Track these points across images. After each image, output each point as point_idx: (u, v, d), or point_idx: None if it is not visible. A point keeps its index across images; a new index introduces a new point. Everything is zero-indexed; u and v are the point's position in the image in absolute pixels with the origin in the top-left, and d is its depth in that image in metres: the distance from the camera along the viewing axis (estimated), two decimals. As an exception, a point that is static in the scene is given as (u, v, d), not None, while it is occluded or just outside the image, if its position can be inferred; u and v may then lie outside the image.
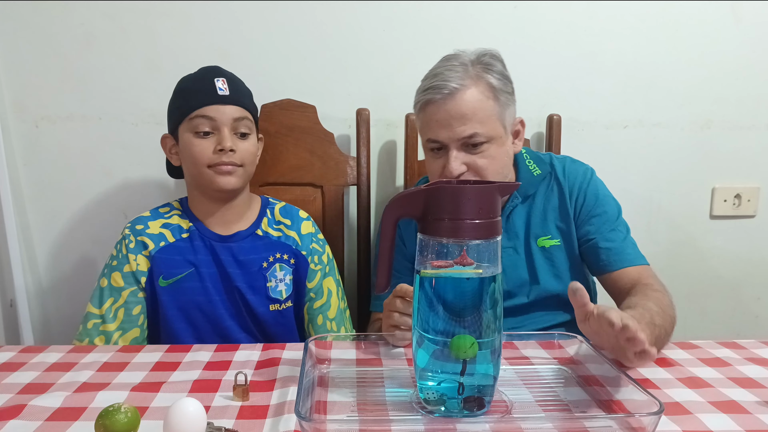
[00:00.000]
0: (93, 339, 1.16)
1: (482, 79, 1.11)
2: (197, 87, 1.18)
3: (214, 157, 1.15)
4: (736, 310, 1.75)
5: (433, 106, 1.11)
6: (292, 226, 1.28)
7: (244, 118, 1.18)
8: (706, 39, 1.59)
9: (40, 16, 1.46)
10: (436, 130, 1.11)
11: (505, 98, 1.13)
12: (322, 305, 1.29)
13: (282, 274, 1.24)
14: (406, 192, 0.77)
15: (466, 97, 1.09)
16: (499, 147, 1.13)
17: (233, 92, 1.18)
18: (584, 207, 1.21)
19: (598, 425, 0.75)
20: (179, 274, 1.19)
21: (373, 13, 1.53)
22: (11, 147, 1.51)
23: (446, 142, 1.11)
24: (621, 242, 1.19)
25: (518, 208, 1.22)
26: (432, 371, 0.77)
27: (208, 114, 1.15)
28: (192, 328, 1.20)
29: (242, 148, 1.18)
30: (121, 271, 1.18)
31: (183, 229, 1.22)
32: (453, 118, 1.09)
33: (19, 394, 0.85)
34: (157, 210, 1.25)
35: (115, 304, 1.18)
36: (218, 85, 1.17)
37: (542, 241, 1.21)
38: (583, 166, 1.26)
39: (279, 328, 1.25)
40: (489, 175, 1.12)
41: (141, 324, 1.20)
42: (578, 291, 0.83)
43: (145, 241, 1.19)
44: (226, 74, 1.21)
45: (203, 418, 0.70)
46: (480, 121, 1.09)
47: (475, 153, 1.11)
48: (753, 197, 1.68)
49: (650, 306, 0.99)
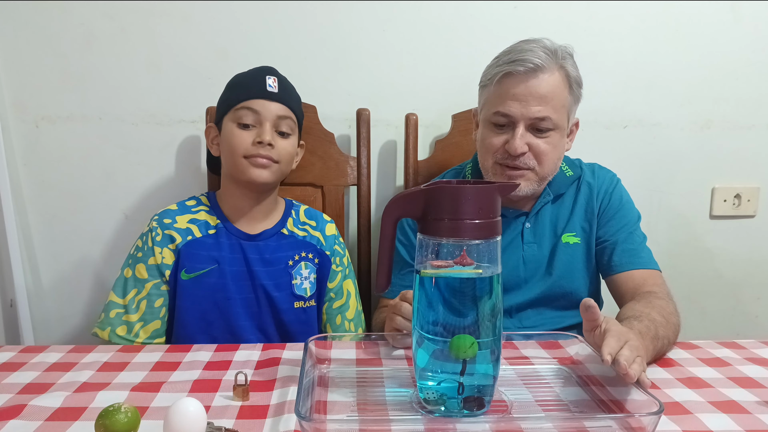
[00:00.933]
0: (115, 328, 1.17)
1: (564, 68, 1.12)
2: (248, 81, 1.20)
3: (251, 149, 1.17)
4: (736, 310, 1.75)
5: (514, 78, 1.10)
6: (317, 227, 1.30)
7: (287, 118, 1.20)
8: (706, 39, 1.59)
9: (40, 16, 1.46)
10: (510, 104, 1.10)
11: (578, 93, 1.15)
12: (342, 306, 1.31)
13: (307, 272, 1.26)
14: (406, 192, 0.77)
15: (548, 79, 1.09)
16: (560, 138, 1.14)
17: (282, 91, 1.20)
18: (608, 209, 1.23)
19: (598, 425, 0.75)
20: (202, 269, 1.20)
21: (373, 14, 1.53)
22: (11, 147, 1.51)
23: (517, 118, 1.11)
24: (637, 246, 1.21)
25: (547, 207, 1.24)
26: (432, 371, 0.77)
27: (253, 107, 1.17)
28: (204, 324, 1.21)
29: (281, 145, 1.19)
30: (146, 263, 1.19)
31: (210, 225, 1.23)
32: (532, 95, 1.09)
33: (19, 394, 0.85)
34: (184, 204, 1.26)
35: (138, 296, 1.18)
36: (269, 82, 1.19)
37: (566, 238, 1.23)
38: (610, 173, 1.29)
39: (301, 326, 1.25)
40: (547, 162, 1.13)
41: (162, 317, 1.20)
42: (590, 309, 0.85)
43: (173, 235, 1.20)
44: (278, 75, 1.23)
45: (203, 418, 0.70)
46: (554, 107, 1.10)
47: (540, 137, 1.12)
48: (753, 197, 1.68)
49: (654, 316, 0.99)
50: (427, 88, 1.56)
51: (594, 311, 0.85)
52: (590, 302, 0.85)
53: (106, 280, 1.56)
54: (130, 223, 1.55)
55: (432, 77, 1.55)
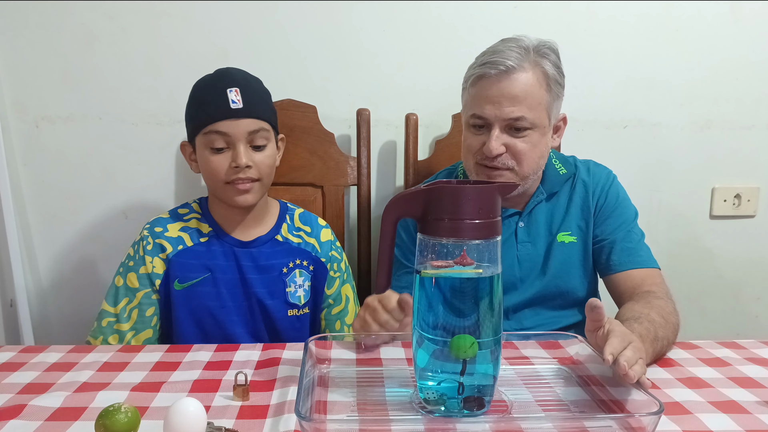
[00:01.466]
0: (107, 337, 1.16)
1: (539, 66, 1.11)
2: (210, 99, 1.14)
3: (230, 173, 1.13)
4: (736, 310, 1.75)
5: (486, 81, 1.11)
6: (311, 233, 1.28)
7: (260, 130, 1.14)
8: (706, 39, 1.59)
9: (40, 16, 1.46)
10: (483, 106, 1.11)
11: (557, 90, 1.14)
12: (341, 311, 1.30)
13: (301, 280, 1.24)
14: (406, 192, 0.77)
15: (521, 79, 1.09)
16: (541, 136, 1.14)
17: (247, 104, 1.13)
18: (604, 207, 1.23)
19: (598, 425, 0.75)
20: (194, 278, 1.19)
21: (373, 14, 1.53)
22: (11, 147, 1.51)
23: (491, 120, 1.11)
24: (635, 244, 1.20)
25: (542, 205, 1.24)
26: (432, 371, 0.77)
27: (221, 129, 1.12)
28: (201, 333, 1.20)
29: (258, 161, 1.15)
30: (137, 272, 1.18)
31: (202, 233, 1.21)
32: (504, 96, 1.09)
33: (19, 394, 0.85)
34: (176, 211, 1.24)
35: (129, 305, 1.18)
36: (231, 96, 1.12)
37: (561, 237, 1.22)
38: (606, 170, 1.28)
39: (294, 333, 1.25)
40: (526, 161, 1.13)
41: (154, 325, 1.19)
42: (596, 309, 0.85)
43: (163, 244, 1.19)
44: (239, 82, 1.14)
45: (203, 418, 0.70)
46: (529, 106, 1.10)
47: (517, 137, 1.12)
48: (753, 197, 1.68)
49: (653, 317, 0.99)
50: (427, 88, 1.56)
51: (600, 312, 0.85)
52: (597, 302, 0.85)
53: (106, 280, 1.55)
54: (130, 223, 1.55)
55: (432, 77, 1.55)
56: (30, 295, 1.57)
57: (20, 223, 1.53)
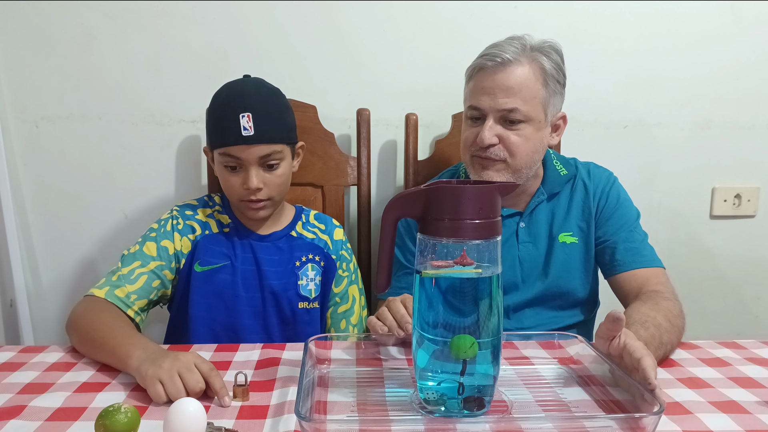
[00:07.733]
0: (114, 290, 1.11)
1: (537, 61, 1.12)
2: (224, 123, 1.14)
3: (243, 193, 1.17)
4: (736, 310, 1.75)
5: (483, 72, 1.13)
6: (325, 231, 1.31)
7: (272, 153, 1.15)
8: (706, 39, 1.59)
9: (40, 16, 1.46)
10: (479, 97, 1.13)
11: (554, 87, 1.14)
12: (346, 311, 1.31)
13: (313, 274, 1.27)
14: (406, 192, 0.77)
15: (516, 72, 1.11)
16: (535, 131, 1.14)
17: (258, 130, 1.13)
18: (606, 208, 1.23)
19: (598, 425, 0.75)
20: (215, 264, 1.21)
21: (373, 13, 1.52)
22: (11, 147, 1.51)
23: (486, 111, 1.13)
24: (638, 243, 1.21)
25: (542, 206, 1.24)
26: (432, 371, 0.77)
27: (233, 154, 1.14)
28: (209, 318, 1.21)
29: (270, 180, 1.17)
30: (158, 242, 1.19)
31: (224, 224, 1.25)
32: (499, 88, 1.11)
33: (19, 394, 0.85)
34: (203, 199, 1.29)
35: (141, 268, 1.16)
36: (243, 123, 1.12)
37: (563, 237, 1.23)
38: (606, 171, 1.29)
39: (305, 326, 1.26)
40: (519, 154, 1.14)
41: (152, 299, 1.18)
42: (618, 321, 0.84)
43: (194, 226, 1.22)
44: (252, 106, 1.14)
45: (203, 418, 0.71)
46: (523, 99, 1.11)
47: (511, 129, 1.13)
48: (753, 197, 1.68)
49: (660, 321, 0.98)
50: (427, 88, 1.56)
51: (621, 325, 0.84)
52: (620, 315, 0.84)
53: (106, 280, 1.56)
54: (130, 223, 1.55)
55: (432, 77, 1.55)
56: (30, 295, 1.57)
57: (20, 223, 1.53)
